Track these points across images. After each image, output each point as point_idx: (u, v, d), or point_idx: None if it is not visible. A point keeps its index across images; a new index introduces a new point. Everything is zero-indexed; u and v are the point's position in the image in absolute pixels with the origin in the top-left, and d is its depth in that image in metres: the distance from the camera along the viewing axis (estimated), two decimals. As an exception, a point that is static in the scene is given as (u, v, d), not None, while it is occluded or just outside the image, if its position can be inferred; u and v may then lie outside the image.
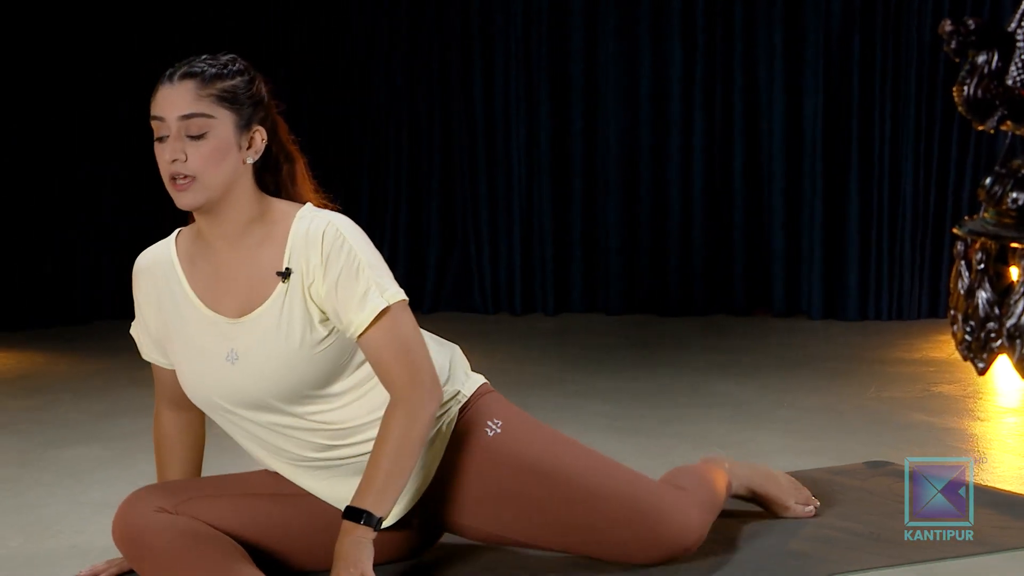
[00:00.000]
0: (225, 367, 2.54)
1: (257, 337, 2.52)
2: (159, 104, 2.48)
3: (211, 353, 2.55)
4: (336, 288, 2.48)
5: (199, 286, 2.58)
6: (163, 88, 2.48)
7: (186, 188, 2.47)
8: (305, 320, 2.51)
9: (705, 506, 2.77)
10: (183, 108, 2.47)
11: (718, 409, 4.05)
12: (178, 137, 2.47)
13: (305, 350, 2.50)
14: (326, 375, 2.53)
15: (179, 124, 2.47)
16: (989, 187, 1.61)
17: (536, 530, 2.66)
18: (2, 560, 2.86)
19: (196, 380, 2.58)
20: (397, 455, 2.47)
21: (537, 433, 2.68)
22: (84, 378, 4.56)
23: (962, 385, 4.31)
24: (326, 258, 2.48)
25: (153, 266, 2.63)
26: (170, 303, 2.60)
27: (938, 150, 5.33)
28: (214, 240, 2.56)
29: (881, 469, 3.38)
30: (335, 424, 2.56)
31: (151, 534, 2.53)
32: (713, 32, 5.43)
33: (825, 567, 2.72)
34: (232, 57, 2.56)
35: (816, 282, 5.41)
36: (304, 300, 2.51)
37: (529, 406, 2.92)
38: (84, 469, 3.51)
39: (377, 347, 2.48)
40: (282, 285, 2.52)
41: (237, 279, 2.55)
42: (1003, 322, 1.57)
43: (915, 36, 5.28)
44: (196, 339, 2.57)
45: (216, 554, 2.52)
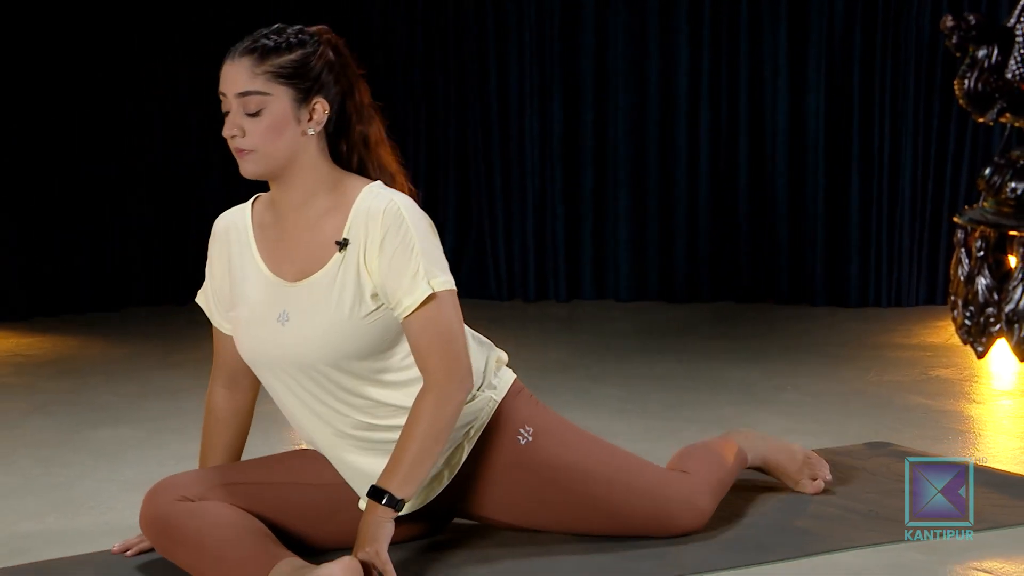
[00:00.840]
0: (275, 327, 2.53)
1: (309, 301, 2.51)
2: (222, 80, 2.50)
3: (265, 313, 2.54)
4: (389, 266, 2.46)
5: (265, 249, 2.58)
6: (225, 64, 2.50)
7: (245, 157, 2.49)
8: (356, 291, 2.49)
9: (712, 488, 2.80)
10: (240, 86, 2.48)
11: (724, 393, 4.04)
12: (237, 113, 2.48)
13: (353, 320, 2.49)
14: (370, 348, 2.51)
15: (237, 101, 2.48)
16: (988, 177, 1.60)
17: (557, 523, 2.71)
18: (38, 535, 2.87)
19: (250, 340, 2.57)
20: (424, 440, 2.46)
21: (564, 437, 2.69)
22: (115, 362, 4.57)
23: (959, 369, 4.30)
24: (383, 235, 2.47)
25: (229, 227, 2.63)
26: (238, 263, 2.60)
27: (936, 143, 5.32)
28: (283, 206, 2.57)
29: (881, 450, 3.37)
30: (378, 402, 2.54)
31: (177, 523, 2.52)
32: (719, 30, 5.42)
33: (825, 543, 2.72)
34: (298, 29, 2.55)
35: (819, 270, 5.40)
36: (357, 272, 2.50)
37: (542, 390, 2.92)
38: (115, 449, 3.51)
39: (419, 331, 2.47)
40: (338, 254, 2.51)
41: (299, 245, 2.55)
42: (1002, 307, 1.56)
43: (914, 34, 5.26)
44: (253, 299, 2.57)
45: (242, 534, 2.52)
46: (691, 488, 2.76)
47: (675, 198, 5.51)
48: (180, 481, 2.60)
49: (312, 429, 2.60)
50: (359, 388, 2.53)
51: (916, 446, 3.42)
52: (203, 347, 2.81)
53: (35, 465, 3.37)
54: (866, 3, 5.27)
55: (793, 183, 5.42)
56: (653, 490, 2.71)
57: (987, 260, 1.57)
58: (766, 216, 5.45)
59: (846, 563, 2.64)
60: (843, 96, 5.33)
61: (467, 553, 2.68)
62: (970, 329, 1.59)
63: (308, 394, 2.55)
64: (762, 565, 2.62)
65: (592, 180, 5.59)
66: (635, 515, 2.69)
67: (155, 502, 2.56)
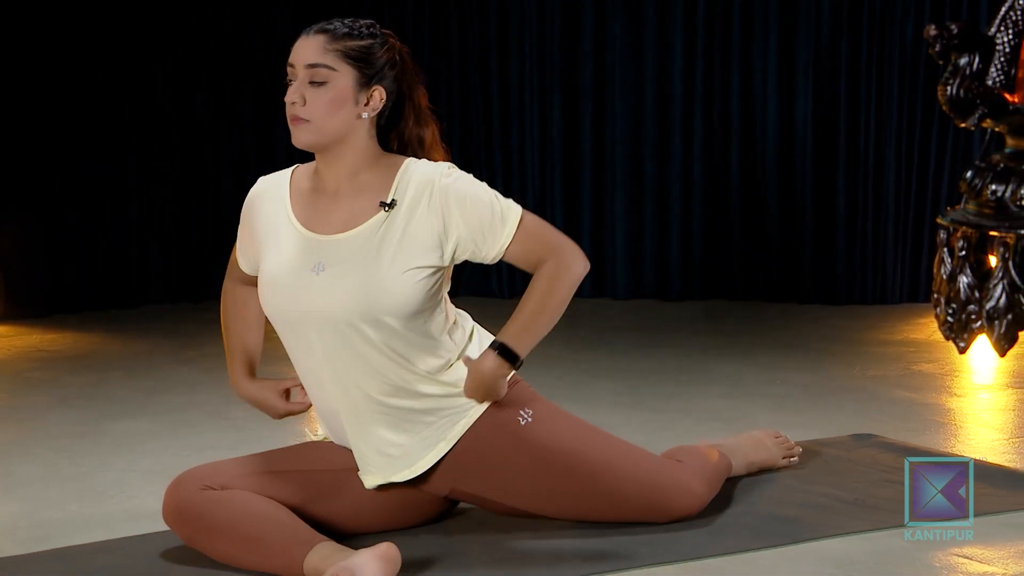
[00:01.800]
0: (308, 276, 2.54)
1: (346, 254, 2.54)
2: (293, 52, 2.55)
3: (298, 265, 2.56)
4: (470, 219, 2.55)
5: (301, 210, 2.61)
6: (299, 39, 2.56)
7: (300, 126, 2.53)
8: (397, 248, 2.52)
9: (704, 476, 2.80)
10: (310, 58, 2.53)
11: (716, 386, 4.04)
12: (302, 83, 2.53)
13: (391, 275, 2.51)
14: (401, 306, 2.52)
15: (305, 71, 2.53)
16: (970, 180, 1.60)
17: (555, 506, 2.71)
18: (61, 522, 2.87)
19: (281, 290, 2.57)
20: (543, 298, 2.55)
21: (563, 422, 2.70)
22: (134, 357, 4.57)
23: (940, 364, 4.30)
24: (447, 195, 2.54)
25: (266, 189, 2.66)
26: (273, 221, 2.62)
27: (918, 148, 5.31)
28: (327, 177, 2.60)
29: (866, 441, 3.37)
30: (404, 367, 2.55)
31: (206, 511, 2.52)
32: (712, 38, 5.41)
33: (814, 531, 2.72)
34: (371, 23, 2.62)
35: (807, 269, 5.40)
36: (403, 232, 2.53)
37: (543, 384, 2.92)
38: (134, 440, 3.51)
39: (522, 250, 2.58)
40: (383, 214, 2.55)
41: (339, 208, 2.58)
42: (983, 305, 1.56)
43: (897, 43, 5.26)
44: (285, 253, 2.58)
45: (278, 519, 2.51)
46: (686, 475, 2.75)
47: (670, 200, 5.50)
48: (202, 472, 2.60)
49: (331, 394, 2.59)
50: (388, 347, 2.54)
51: (900, 438, 3.42)
52: (217, 343, 2.81)
53: (57, 455, 3.38)
54: (852, 13, 5.27)
55: (782, 186, 5.41)
56: (650, 476, 2.70)
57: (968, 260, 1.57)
58: (757, 217, 5.45)
59: (833, 549, 2.64)
60: (830, 102, 5.33)
61: (471, 538, 2.68)
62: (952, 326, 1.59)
63: (333, 354, 2.55)
64: (754, 551, 2.62)
65: (590, 183, 5.58)
66: (632, 500, 2.68)
67: (179, 493, 2.56)
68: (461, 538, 2.68)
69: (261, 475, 2.60)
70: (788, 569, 2.54)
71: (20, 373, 4.34)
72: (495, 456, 2.64)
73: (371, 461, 2.62)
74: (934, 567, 2.55)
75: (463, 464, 2.65)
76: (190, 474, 2.59)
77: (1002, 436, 3.49)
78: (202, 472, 2.60)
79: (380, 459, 2.61)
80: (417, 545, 2.61)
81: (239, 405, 3.70)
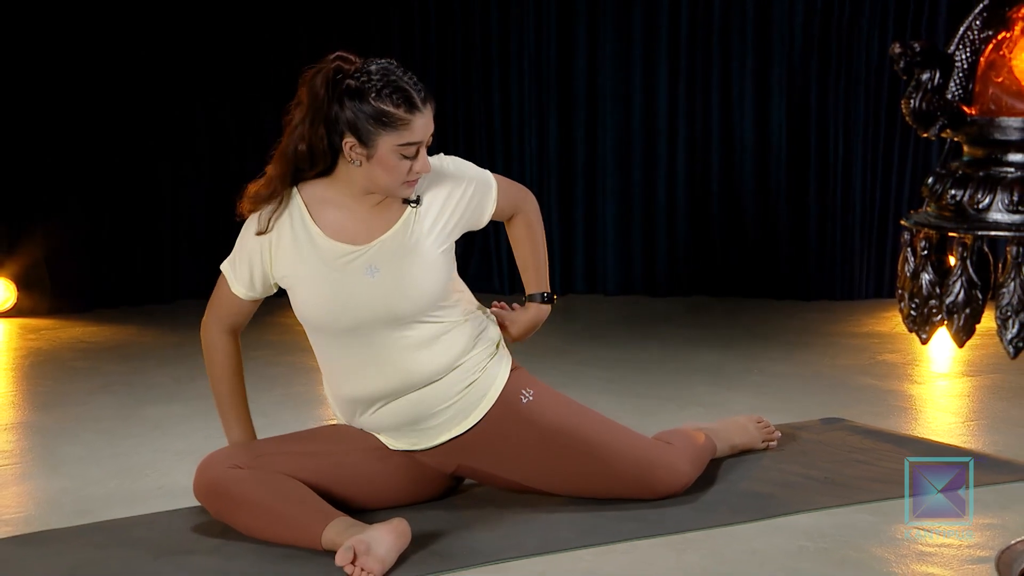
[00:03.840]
0: (365, 281, 2.54)
1: (396, 248, 2.55)
2: (418, 132, 2.51)
3: (349, 273, 2.54)
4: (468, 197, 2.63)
5: (327, 226, 2.57)
6: (419, 118, 2.50)
7: (416, 183, 2.57)
8: (430, 235, 2.57)
9: (690, 457, 2.80)
10: (431, 128, 2.55)
11: (699, 375, 4.04)
12: (423, 151, 2.54)
13: (433, 257, 2.56)
14: (444, 283, 2.58)
15: (427, 141, 2.55)
16: (931, 185, 1.59)
17: (553, 480, 2.70)
18: (102, 498, 2.87)
19: (335, 302, 2.55)
20: (532, 243, 2.77)
21: (560, 402, 2.70)
22: (168, 348, 4.56)
23: (902, 354, 4.29)
24: (453, 180, 2.62)
25: (278, 212, 2.61)
26: (303, 243, 2.57)
27: (883, 156, 5.30)
28: (359, 193, 2.57)
29: (835, 425, 3.37)
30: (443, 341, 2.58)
31: (234, 489, 2.51)
32: (694, 57, 5.40)
33: (787, 506, 2.72)
34: (390, 61, 2.56)
35: (781, 267, 5.39)
36: (433, 220, 2.58)
37: (540, 371, 2.91)
38: (167, 423, 3.51)
39: (503, 203, 2.70)
40: (411, 210, 2.58)
41: (365, 215, 2.57)
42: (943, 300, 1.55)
43: (864, 59, 5.25)
44: (333, 267, 2.55)
45: (299, 496, 2.51)
46: (673, 455, 2.75)
47: (656, 204, 5.49)
48: (230, 452, 2.59)
49: (370, 382, 2.59)
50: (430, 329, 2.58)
51: (866, 421, 3.41)
52: (245, 334, 2.80)
53: (98, 438, 3.37)
54: (822, 32, 5.26)
55: (759, 191, 5.40)
56: (640, 455, 2.69)
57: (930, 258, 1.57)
58: (735, 220, 5.44)
59: (805, 523, 2.63)
60: (802, 113, 5.32)
61: (474, 512, 2.68)
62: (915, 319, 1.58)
63: (386, 344, 2.56)
64: (732, 525, 2.62)
65: (583, 189, 5.58)
66: (623, 477, 2.67)
67: (209, 472, 2.55)
68: (465, 513, 2.68)
69: (283, 455, 2.59)
70: (764, 541, 2.54)
71: (64, 362, 4.33)
72: (499, 433, 2.64)
73: (405, 433, 2.62)
74: (896, 539, 2.55)
75: (470, 441, 2.65)
76: (219, 454, 2.59)
77: (958, 419, 3.49)
78: (230, 452, 2.60)
79: (413, 431, 2.62)
80: (425, 519, 2.61)
81: (263, 392, 3.70)
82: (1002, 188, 1.52)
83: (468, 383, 2.61)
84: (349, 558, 2.31)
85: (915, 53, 1.55)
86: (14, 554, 2.52)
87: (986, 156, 1.55)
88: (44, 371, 4.22)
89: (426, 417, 2.61)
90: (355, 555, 2.32)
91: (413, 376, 2.57)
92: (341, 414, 2.72)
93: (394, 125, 2.47)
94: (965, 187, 1.55)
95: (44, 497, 2.89)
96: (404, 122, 2.47)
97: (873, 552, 2.48)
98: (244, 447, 2.63)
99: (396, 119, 2.47)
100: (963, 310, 1.53)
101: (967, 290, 1.53)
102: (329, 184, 2.59)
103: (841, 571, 2.38)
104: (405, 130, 2.47)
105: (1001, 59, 1.57)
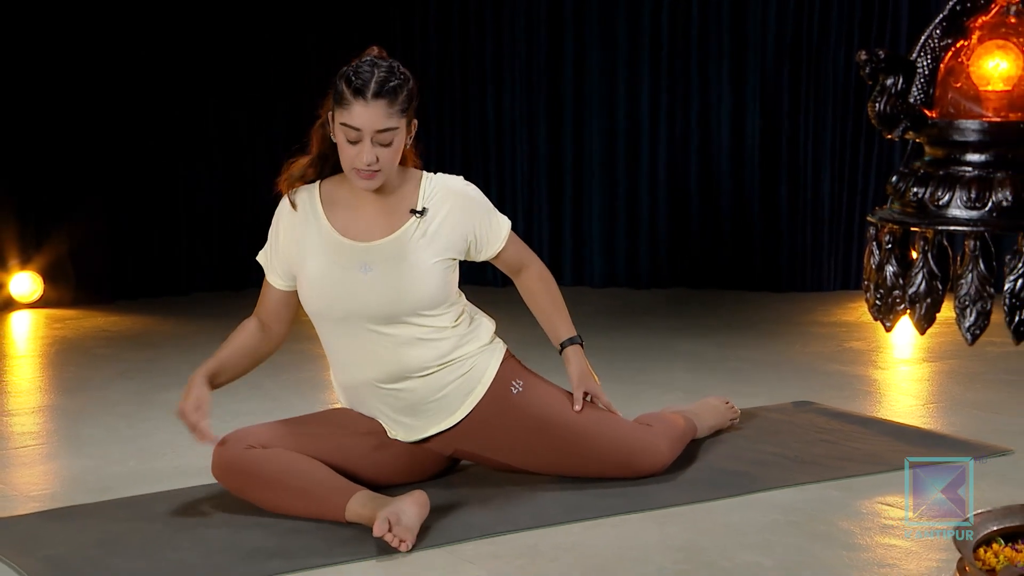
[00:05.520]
0: (358, 276, 2.52)
1: (391, 253, 2.53)
2: (355, 117, 2.43)
3: (347, 267, 2.53)
4: (479, 224, 2.61)
5: (337, 221, 2.56)
6: (359, 107, 2.43)
7: (374, 178, 2.49)
8: (429, 247, 2.54)
9: (669, 438, 2.80)
10: (378, 124, 2.44)
11: (679, 361, 4.04)
12: (371, 145, 2.45)
13: (427, 267, 2.53)
14: (436, 293, 2.54)
15: (374, 135, 2.45)
16: (895, 184, 1.59)
17: (542, 463, 2.70)
18: (122, 476, 2.87)
19: (329, 290, 2.54)
20: (551, 295, 2.75)
21: (548, 391, 2.70)
22: (185, 337, 4.55)
23: (867, 342, 4.29)
24: (466, 204, 2.59)
25: (299, 204, 2.59)
26: (312, 233, 2.56)
27: (850, 157, 5.30)
28: (363, 193, 2.55)
29: (805, 407, 3.37)
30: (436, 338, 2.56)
31: (253, 467, 2.51)
32: (674, 64, 5.39)
33: (760, 483, 2.72)
34: (395, 64, 2.51)
35: (755, 261, 5.39)
36: (436, 232, 2.55)
37: (531, 360, 2.91)
38: (184, 407, 3.49)
39: (511, 252, 2.69)
40: (416, 219, 2.55)
41: (373, 216, 2.55)
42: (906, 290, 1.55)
43: (831, 67, 5.25)
44: (334, 259, 2.54)
45: (319, 472, 2.51)
46: (653, 438, 2.75)
47: (639, 203, 5.49)
48: (245, 433, 2.59)
49: (368, 372, 2.58)
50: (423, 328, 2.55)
51: (834, 404, 3.41)
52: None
53: (119, 420, 3.36)
54: (793, 43, 5.26)
55: (735, 190, 5.40)
56: (622, 437, 2.69)
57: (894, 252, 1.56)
58: (713, 217, 5.44)
59: (778, 499, 2.63)
60: (775, 118, 5.32)
61: (469, 490, 2.68)
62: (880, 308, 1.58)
63: (376, 339, 2.54)
64: (710, 501, 2.62)
65: (571, 188, 5.57)
66: (607, 458, 2.68)
67: (226, 452, 2.55)
68: (461, 491, 2.68)
69: (296, 436, 2.59)
70: (739, 515, 2.54)
71: (87, 350, 4.32)
72: (492, 420, 2.64)
73: (400, 422, 2.62)
74: (861, 512, 2.55)
75: (465, 427, 2.64)
76: (234, 436, 2.58)
77: (919, 402, 3.49)
78: (245, 433, 2.59)
79: (408, 419, 2.61)
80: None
81: (272, 378, 3.69)
82: (960, 186, 1.52)
83: (459, 375, 2.60)
84: (386, 528, 2.31)
85: (879, 60, 1.55)
86: (42, 528, 2.51)
87: (946, 156, 1.55)
88: (68, 358, 4.21)
89: (419, 405, 2.60)
90: (390, 525, 2.31)
91: (402, 368, 2.57)
92: (344, 399, 2.71)
93: (340, 103, 2.46)
94: (926, 185, 1.54)
95: (68, 475, 2.89)
96: (347, 103, 2.45)
97: (840, 525, 2.48)
98: (261, 427, 2.61)
99: (342, 98, 2.46)
100: (924, 300, 1.53)
101: (928, 281, 1.53)
102: (342, 181, 2.60)
103: (810, 543, 2.38)
104: (346, 111, 2.45)
105: (960, 66, 1.57)
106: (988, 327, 1.54)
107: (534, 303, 2.77)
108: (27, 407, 3.54)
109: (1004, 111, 1.54)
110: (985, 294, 1.51)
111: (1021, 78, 1.53)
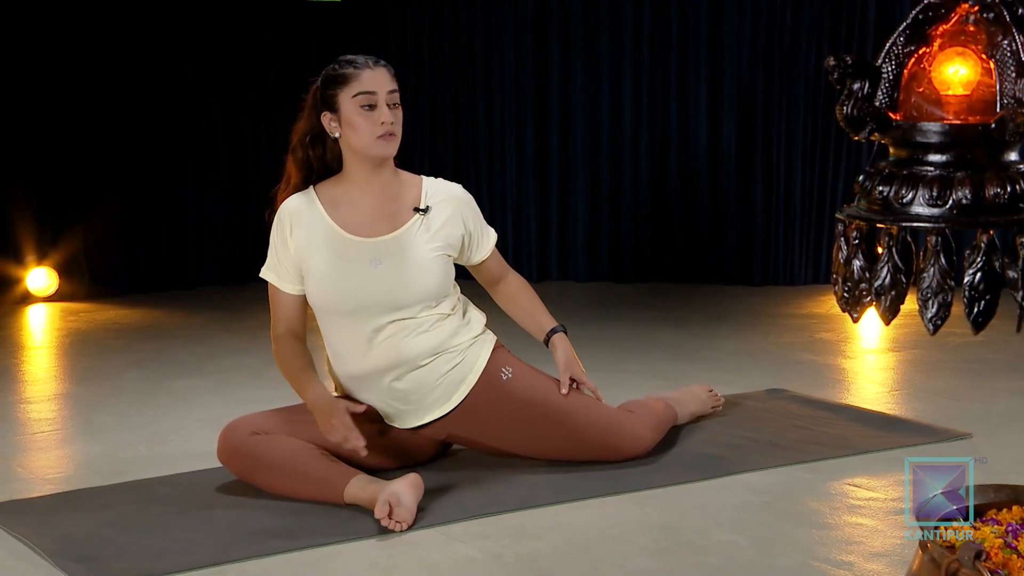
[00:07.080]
0: (367, 271, 2.53)
1: (397, 247, 2.54)
2: (369, 82, 2.49)
3: (355, 262, 2.53)
4: (473, 229, 2.65)
5: (341, 219, 2.57)
6: (367, 71, 2.50)
7: (393, 140, 2.53)
8: (431, 242, 2.56)
9: (651, 424, 2.80)
10: (389, 85, 2.52)
11: (659, 351, 4.04)
12: (386, 106, 2.50)
13: (431, 259, 2.55)
14: (441, 283, 2.57)
15: (387, 97, 2.50)
16: (862, 183, 1.59)
17: (530, 446, 2.70)
18: (132, 460, 2.86)
19: (340, 284, 2.53)
20: (531, 296, 2.77)
21: (537, 378, 2.70)
22: (192, 328, 4.54)
23: (836, 333, 4.30)
24: (464, 208, 2.63)
25: (300, 207, 2.59)
26: (317, 232, 2.56)
27: (819, 160, 5.30)
28: (373, 181, 2.56)
29: (778, 395, 3.37)
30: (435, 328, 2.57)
31: (256, 453, 2.51)
32: (655, 71, 5.39)
33: (736, 466, 2.72)
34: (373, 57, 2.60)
35: (731, 256, 5.39)
36: (436, 230, 2.57)
37: (519, 350, 2.91)
38: (191, 395, 3.49)
39: (493, 261, 2.72)
40: (419, 217, 2.57)
41: (376, 214, 2.56)
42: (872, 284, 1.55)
43: (802, 73, 5.25)
44: (341, 256, 2.54)
45: (318, 457, 2.50)
46: (636, 423, 2.75)
47: (622, 201, 5.49)
48: (249, 420, 2.58)
49: (371, 362, 2.57)
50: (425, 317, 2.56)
51: (804, 392, 3.41)
52: (258, 317, 2.79)
53: (130, 407, 3.36)
54: (766, 50, 5.26)
55: (712, 190, 5.40)
56: (606, 423, 2.69)
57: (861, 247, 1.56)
58: (691, 215, 5.44)
59: (752, 481, 2.64)
60: (749, 121, 5.32)
61: (461, 473, 2.68)
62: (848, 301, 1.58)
63: (382, 329, 2.53)
64: (688, 483, 2.62)
65: (557, 187, 5.56)
66: (591, 442, 2.68)
67: (232, 438, 2.54)
68: (453, 474, 2.68)
69: (297, 423, 2.58)
70: (716, 496, 2.54)
71: (100, 341, 4.31)
72: (484, 406, 2.64)
73: (398, 410, 2.62)
74: (830, 493, 2.55)
75: (459, 414, 2.64)
76: (239, 422, 2.58)
77: (884, 389, 3.49)
78: (249, 420, 2.58)
79: (405, 407, 2.61)
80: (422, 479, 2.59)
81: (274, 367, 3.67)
82: (923, 185, 1.52)
83: (452, 365, 2.61)
84: (387, 511, 2.31)
85: (847, 65, 1.55)
86: (58, 509, 2.51)
87: (909, 157, 1.55)
88: (82, 349, 4.20)
89: (416, 394, 2.60)
90: (391, 508, 2.31)
91: (404, 357, 2.56)
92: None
93: (344, 80, 2.50)
94: (891, 184, 1.54)
95: (82, 459, 2.88)
96: (352, 76, 2.50)
97: (810, 505, 2.48)
98: (263, 415, 2.61)
99: (344, 75, 2.51)
100: (889, 292, 1.53)
101: (893, 275, 1.53)
102: (339, 182, 2.60)
103: (782, 522, 2.38)
104: (355, 81, 2.50)
105: (922, 71, 1.57)
106: (949, 318, 1.54)
107: (515, 304, 2.78)
108: (43, 395, 3.53)
109: (963, 114, 1.55)
110: (946, 287, 1.51)
111: (979, 83, 1.54)
